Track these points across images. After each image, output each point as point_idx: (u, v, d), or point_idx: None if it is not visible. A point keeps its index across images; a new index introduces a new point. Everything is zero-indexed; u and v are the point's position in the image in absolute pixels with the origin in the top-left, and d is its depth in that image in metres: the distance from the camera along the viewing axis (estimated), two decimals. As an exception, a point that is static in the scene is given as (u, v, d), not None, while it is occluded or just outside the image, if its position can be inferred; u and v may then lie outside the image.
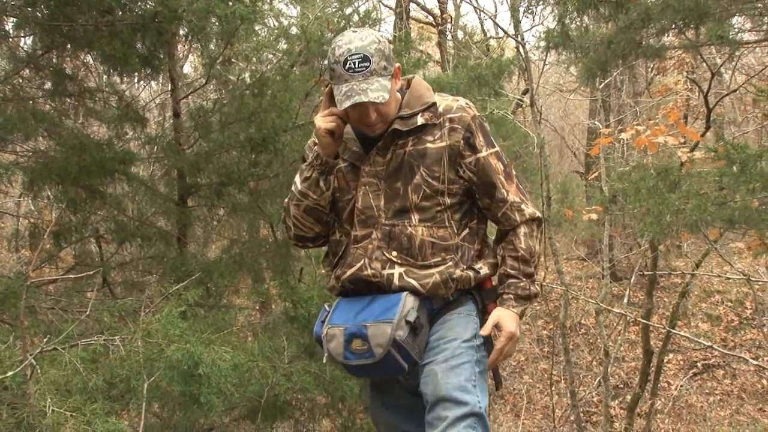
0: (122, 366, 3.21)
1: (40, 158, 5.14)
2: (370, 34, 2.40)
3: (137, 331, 3.33)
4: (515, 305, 2.52)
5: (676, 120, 8.12)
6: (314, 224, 2.59)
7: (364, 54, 2.32)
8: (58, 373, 3.03)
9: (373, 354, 2.37)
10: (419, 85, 2.53)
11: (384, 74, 2.36)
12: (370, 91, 2.32)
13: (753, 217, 4.93)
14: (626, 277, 13.15)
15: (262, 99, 5.21)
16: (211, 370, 3.31)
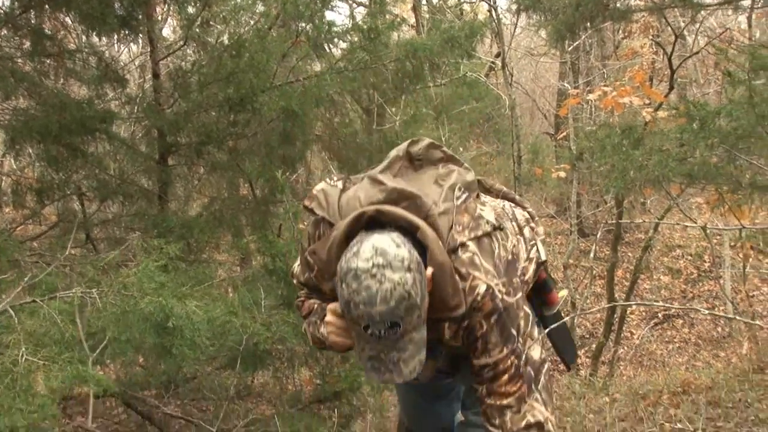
0: (99, 318, 3.15)
1: (20, 116, 5.03)
2: (397, 284, 1.70)
3: (114, 285, 3.27)
4: None
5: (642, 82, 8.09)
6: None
7: (392, 320, 1.72)
8: (36, 324, 2.97)
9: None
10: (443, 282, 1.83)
11: (418, 326, 1.79)
12: (403, 364, 1.78)
13: (711, 172, 4.93)
14: (593, 233, 13.21)
15: (240, 60, 5.10)
16: (183, 323, 3.25)
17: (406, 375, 1.79)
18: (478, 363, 1.96)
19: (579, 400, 5.41)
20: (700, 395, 5.55)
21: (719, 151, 4.84)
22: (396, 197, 1.88)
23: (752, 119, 4.42)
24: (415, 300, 1.73)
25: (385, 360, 1.78)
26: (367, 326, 1.73)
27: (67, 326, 3.00)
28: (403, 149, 2.04)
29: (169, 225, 4.90)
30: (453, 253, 1.87)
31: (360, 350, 1.82)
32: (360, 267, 1.70)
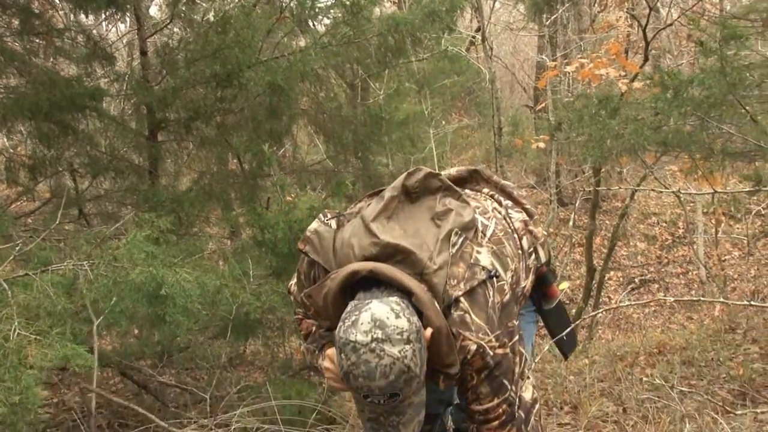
0: (91, 290, 3.13)
1: (11, 94, 4.97)
2: (396, 359, 1.68)
3: (104, 256, 3.25)
4: None
5: (617, 53, 8.10)
6: None
7: (391, 392, 1.70)
8: (29, 298, 2.95)
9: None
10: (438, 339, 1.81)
11: (418, 390, 1.78)
12: (402, 427, 1.77)
13: (685, 140, 4.95)
14: (572, 202, 13.26)
15: (226, 36, 5.04)
16: (175, 291, 3.24)
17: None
18: (470, 408, 1.96)
19: (560, 362, 5.46)
20: (675, 355, 5.63)
21: (692, 120, 4.85)
22: (390, 252, 1.85)
23: (724, 88, 4.43)
24: (414, 372, 1.71)
25: (385, 423, 1.77)
26: (366, 396, 1.71)
27: (59, 299, 2.98)
28: (399, 187, 1.99)
29: (159, 199, 4.87)
30: (447, 310, 1.85)
31: (359, 410, 1.82)
32: (359, 340, 1.68)
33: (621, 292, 12.40)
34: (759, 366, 5.05)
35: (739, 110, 4.66)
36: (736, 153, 5.00)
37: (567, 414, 4.41)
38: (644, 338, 6.64)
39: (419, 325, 1.75)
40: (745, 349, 5.63)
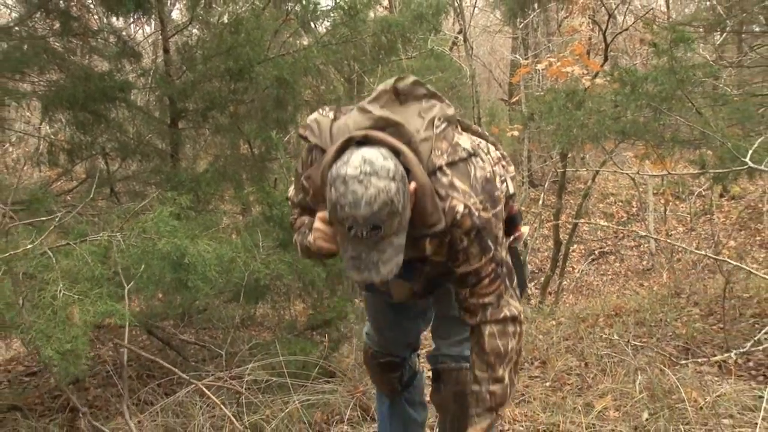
0: (123, 258, 3.13)
1: (52, 87, 4.95)
2: (379, 189, 1.62)
3: (135, 228, 3.25)
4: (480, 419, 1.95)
5: (581, 54, 8.06)
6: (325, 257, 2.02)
7: (374, 223, 1.63)
8: (71, 264, 2.95)
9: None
10: (424, 197, 1.77)
11: (399, 231, 1.70)
12: (382, 265, 1.69)
13: (640, 129, 4.97)
14: (541, 183, 13.28)
15: (238, 36, 5.01)
16: (196, 260, 3.24)
17: (383, 275, 1.70)
18: (461, 271, 1.91)
19: (530, 324, 5.49)
20: (629, 317, 5.66)
21: (647, 111, 4.86)
22: (382, 124, 1.80)
23: (674, 84, 4.44)
24: (397, 207, 1.65)
25: (365, 260, 1.69)
26: (351, 227, 1.64)
27: (96, 265, 2.98)
28: (390, 84, 1.91)
29: (180, 179, 4.85)
30: (432, 175, 1.80)
31: (343, 251, 1.73)
32: (349, 173, 1.63)
33: (583, 262, 12.46)
34: (699, 325, 5.09)
35: (687, 104, 4.68)
36: (684, 141, 5.01)
37: (537, 368, 4.44)
38: (603, 303, 6.68)
39: (405, 174, 1.70)
40: (688, 311, 5.67)
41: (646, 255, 12.38)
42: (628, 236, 13.27)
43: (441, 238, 1.86)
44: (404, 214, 1.70)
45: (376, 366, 2.50)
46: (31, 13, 4.99)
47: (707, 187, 11.83)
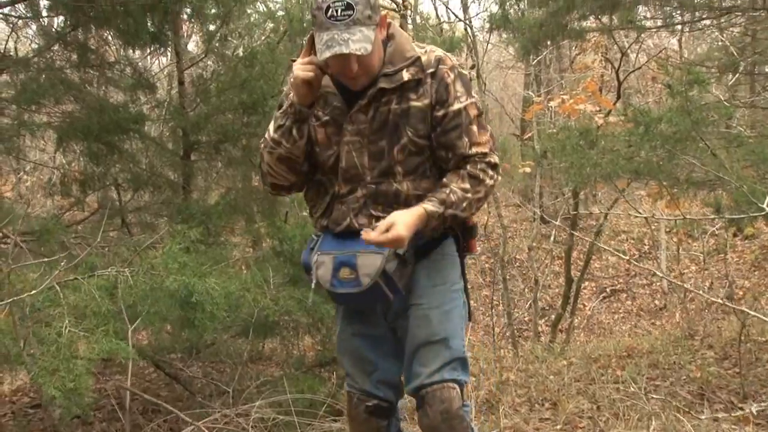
0: (131, 294, 3.11)
1: (67, 119, 5.00)
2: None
3: (143, 265, 3.23)
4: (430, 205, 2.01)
5: (594, 91, 8.07)
6: (288, 173, 2.14)
7: (348, 1, 1.85)
8: (78, 299, 2.93)
9: (360, 283, 2.01)
10: (401, 38, 2.05)
11: (368, 23, 1.89)
12: (352, 42, 1.86)
13: (654, 169, 4.93)
14: (553, 220, 13.22)
15: (253, 70, 5.06)
16: (204, 298, 3.22)
17: (353, 48, 1.86)
18: (453, 110, 2.03)
19: (541, 363, 5.42)
20: (642, 358, 5.58)
21: (661, 152, 4.83)
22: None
23: (688, 125, 4.42)
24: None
25: (338, 39, 1.86)
26: (328, 8, 1.86)
27: (104, 301, 2.96)
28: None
29: (191, 212, 4.85)
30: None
31: (319, 42, 1.89)
32: None
33: (594, 300, 12.34)
34: (714, 369, 5.01)
35: (701, 145, 4.65)
36: (699, 182, 4.97)
37: (547, 410, 4.36)
38: (615, 343, 6.60)
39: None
40: (702, 354, 5.58)
41: (659, 293, 12.25)
42: (639, 274, 13.15)
43: (423, 71, 2.03)
44: (374, 14, 1.92)
45: (364, 412, 2.31)
46: (49, 45, 5.06)
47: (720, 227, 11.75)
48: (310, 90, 2.01)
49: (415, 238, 2.02)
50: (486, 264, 13.39)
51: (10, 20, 5.05)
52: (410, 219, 1.96)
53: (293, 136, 2.07)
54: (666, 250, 12.10)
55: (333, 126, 2.07)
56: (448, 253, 2.19)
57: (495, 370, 5.27)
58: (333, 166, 2.10)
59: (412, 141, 2.04)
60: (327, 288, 2.09)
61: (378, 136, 2.04)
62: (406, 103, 2.02)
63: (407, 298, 2.14)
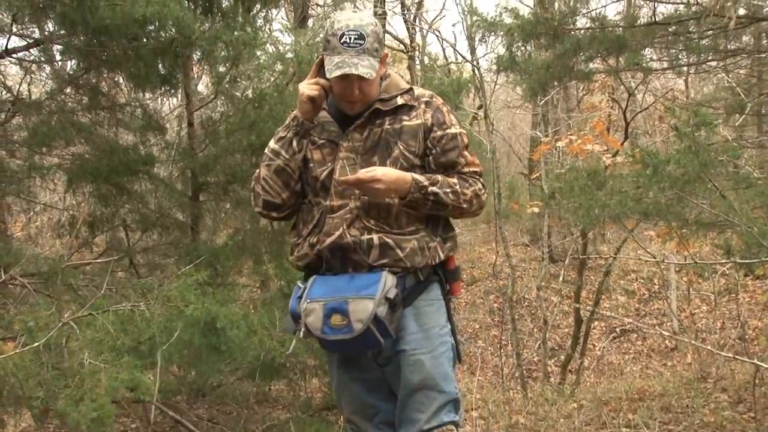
0: (148, 327, 3.12)
1: (77, 161, 5.07)
2: (368, 16, 2.18)
3: (159, 297, 3.25)
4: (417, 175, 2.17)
5: (601, 131, 8.11)
6: (282, 189, 2.25)
7: (361, 32, 2.08)
8: (92, 334, 2.95)
9: (352, 329, 2.05)
10: (396, 77, 2.30)
11: (375, 55, 2.11)
12: (361, 66, 2.06)
13: (663, 211, 4.92)
14: (561, 259, 13.19)
15: (262, 111, 5.12)
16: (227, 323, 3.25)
17: (361, 71, 2.05)
18: (451, 132, 2.23)
19: (551, 406, 5.35)
20: (654, 401, 5.50)
21: (669, 193, 4.83)
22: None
23: (696, 166, 4.42)
24: (378, 33, 2.13)
25: (348, 62, 2.07)
26: (342, 35, 2.07)
27: (119, 335, 2.98)
28: None
29: (199, 253, 4.87)
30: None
31: (330, 63, 2.08)
32: (345, 10, 2.15)
33: (604, 340, 12.21)
34: (729, 414, 4.93)
35: (710, 186, 4.64)
36: (708, 223, 4.95)
37: (558, 455, 4.30)
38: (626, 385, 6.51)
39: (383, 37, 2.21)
40: (716, 398, 5.50)
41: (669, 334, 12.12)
42: (650, 314, 13.04)
43: (417, 100, 2.24)
44: (380, 48, 2.14)
45: None
46: (62, 88, 5.16)
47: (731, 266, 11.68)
48: (313, 107, 2.20)
49: (403, 282, 2.17)
50: (495, 304, 13.32)
51: (24, 64, 5.15)
52: (392, 172, 2.14)
53: (293, 147, 2.23)
54: (676, 290, 12.01)
55: (328, 147, 2.24)
56: (434, 297, 2.26)
57: (504, 413, 5.21)
58: (325, 182, 2.22)
59: (403, 155, 2.20)
60: (318, 335, 2.13)
61: (370, 154, 2.20)
62: (399, 123, 2.21)
63: (396, 343, 2.19)
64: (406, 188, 2.15)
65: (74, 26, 4.14)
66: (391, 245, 2.17)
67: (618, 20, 6.21)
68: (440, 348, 2.22)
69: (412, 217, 2.21)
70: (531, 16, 6.08)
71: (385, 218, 2.18)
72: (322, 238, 2.19)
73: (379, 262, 2.17)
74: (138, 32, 4.47)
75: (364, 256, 2.17)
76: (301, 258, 2.29)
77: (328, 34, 2.11)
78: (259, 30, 5.30)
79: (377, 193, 2.13)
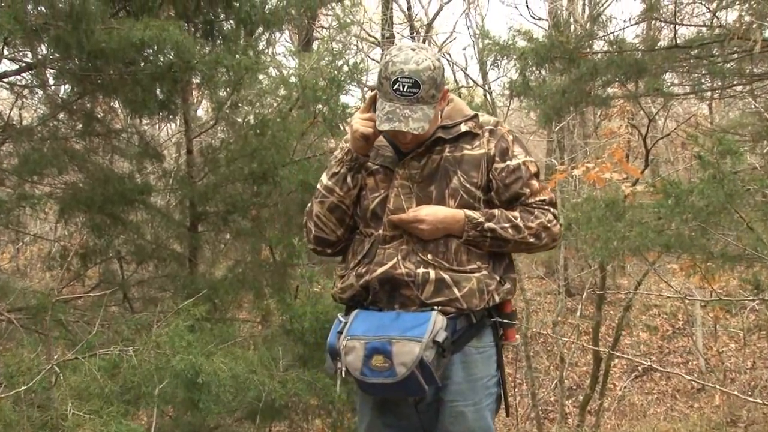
0: (134, 374, 3.10)
1: (70, 189, 5.11)
2: (426, 58, 2.02)
3: (148, 343, 3.24)
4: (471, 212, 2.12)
5: (620, 159, 8.11)
6: (336, 226, 2.21)
7: (416, 79, 1.99)
8: (78, 380, 2.93)
9: (395, 373, 1.96)
10: (460, 102, 2.24)
11: (430, 102, 2.03)
12: (412, 121, 1.99)
13: (686, 243, 4.90)
14: (579, 293, 13.10)
15: (264, 138, 5.16)
16: (210, 378, 3.21)
17: (412, 127, 1.99)
18: (513, 164, 2.17)
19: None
20: (680, 447, 5.43)
21: (693, 225, 4.81)
22: None
23: (721, 197, 4.41)
24: (436, 77, 2.03)
25: (399, 114, 2.00)
26: (396, 80, 1.99)
27: (106, 381, 2.96)
28: None
29: (197, 286, 4.87)
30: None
31: (380, 110, 2.02)
32: (404, 45, 2.06)
33: (625, 379, 12.09)
34: (761, 461, 4.85)
35: (736, 217, 4.63)
36: (735, 257, 4.93)
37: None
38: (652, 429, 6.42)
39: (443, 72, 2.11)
40: (747, 443, 5.42)
41: (695, 373, 12.00)
42: (674, 352, 12.92)
43: (481, 128, 2.19)
44: (438, 92, 2.06)
45: None
46: (55, 113, 5.21)
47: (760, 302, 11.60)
48: (366, 143, 2.16)
49: (453, 324, 2.08)
50: (508, 340, 13.22)
51: (15, 88, 5.20)
52: (440, 211, 2.11)
53: (347, 184, 2.18)
54: (702, 327, 11.90)
55: (382, 173, 2.19)
56: (485, 344, 2.20)
57: (519, 459, 5.15)
58: (377, 210, 2.17)
59: (464, 186, 2.13)
60: (356, 377, 2.03)
61: (427, 183, 2.15)
62: (459, 151, 2.16)
63: (439, 391, 2.13)
64: (458, 227, 2.11)
65: (69, 50, 4.19)
66: (449, 282, 2.09)
67: (637, 43, 6.23)
68: (485, 400, 2.18)
69: (474, 254, 2.14)
70: (545, 39, 6.11)
71: (444, 253, 2.11)
72: (373, 268, 2.13)
73: (433, 299, 2.09)
74: (135, 56, 4.54)
75: (417, 291, 2.09)
76: (345, 290, 2.21)
77: (381, 75, 2.04)
78: (261, 53, 5.37)
79: (422, 234, 2.09)
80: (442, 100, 2.12)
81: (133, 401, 3.20)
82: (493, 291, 2.14)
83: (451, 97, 2.23)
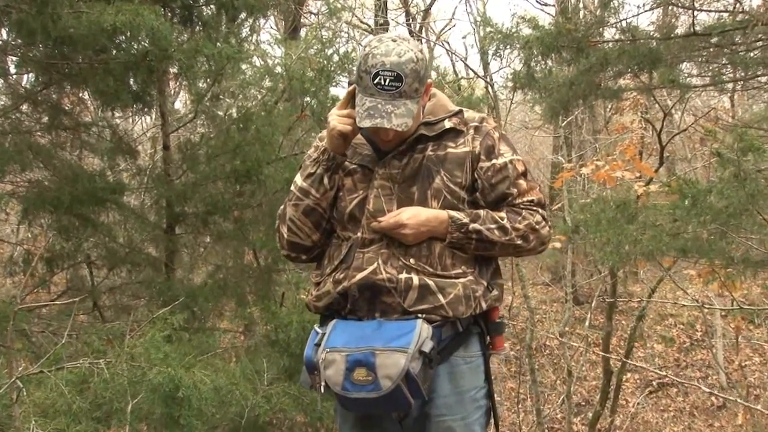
0: (106, 389, 3.09)
1: (35, 188, 5.08)
2: (409, 49, 2.02)
3: (121, 355, 3.22)
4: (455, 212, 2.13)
5: (632, 156, 8.14)
6: (312, 230, 2.21)
7: (399, 72, 1.99)
8: (43, 396, 2.91)
9: (379, 387, 1.95)
10: (443, 98, 2.24)
11: (414, 96, 2.03)
12: (395, 117, 1.99)
13: (704, 247, 4.92)
14: (587, 301, 13.12)
15: (247, 133, 5.16)
16: (191, 392, 3.20)
17: (394, 124, 2.00)
18: (499, 163, 2.18)
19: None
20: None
21: (712, 228, 4.83)
22: None
23: (742, 198, 4.43)
24: (419, 69, 2.03)
25: (381, 110, 2.00)
26: (377, 74, 1.99)
27: (74, 397, 2.94)
28: None
29: (174, 293, 4.86)
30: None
31: (361, 106, 2.02)
32: (384, 37, 2.06)
33: (638, 395, 12.12)
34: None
35: (759, 220, 4.64)
36: (757, 262, 4.95)
37: None
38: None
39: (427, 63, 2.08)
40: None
41: (716, 389, 12.04)
42: (692, 365, 12.95)
43: (466, 124, 2.20)
44: (421, 86, 2.06)
45: None
46: (17, 105, 5.18)
47: (785, 311, 11.64)
48: (345, 141, 2.16)
49: (439, 333, 2.08)
50: (511, 351, 13.23)
51: (-27, 78, 5.18)
52: (423, 212, 2.11)
53: (324, 185, 2.18)
54: (722, 338, 11.94)
55: (361, 173, 2.20)
56: (472, 353, 2.21)
57: (523, 481, 5.15)
58: (355, 212, 2.17)
59: (447, 187, 2.15)
60: (337, 392, 2.02)
61: (409, 183, 2.16)
62: (443, 150, 2.16)
63: (426, 405, 2.14)
64: (442, 228, 2.11)
65: (33, 35, 4.17)
66: (433, 289, 2.09)
67: (651, 31, 6.23)
68: (474, 414, 2.18)
69: (459, 258, 2.14)
70: (552, 26, 6.11)
71: (427, 257, 2.12)
72: (351, 273, 2.12)
73: (416, 307, 2.08)
74: (107, 43, 4.52)
75: (400, 299, 2.08)
76: (320, 297, 2.20)
77: (360, 68, 2.03)
78: (244, 42, 5.37)
79: (406, 239, 2.09)
80: (425, 94, 2.12)
81: (103, 419, 3.18)
82: (480, 297, 2.14)
83: (433, 92, 2.23)
